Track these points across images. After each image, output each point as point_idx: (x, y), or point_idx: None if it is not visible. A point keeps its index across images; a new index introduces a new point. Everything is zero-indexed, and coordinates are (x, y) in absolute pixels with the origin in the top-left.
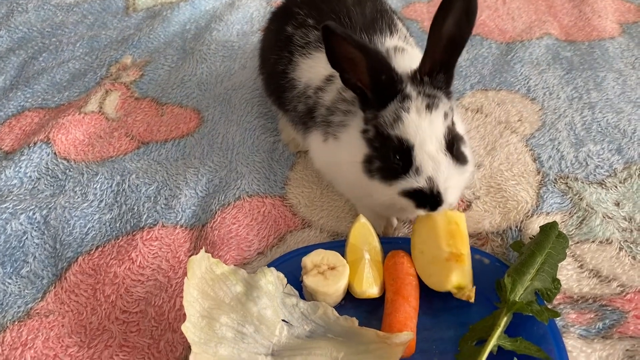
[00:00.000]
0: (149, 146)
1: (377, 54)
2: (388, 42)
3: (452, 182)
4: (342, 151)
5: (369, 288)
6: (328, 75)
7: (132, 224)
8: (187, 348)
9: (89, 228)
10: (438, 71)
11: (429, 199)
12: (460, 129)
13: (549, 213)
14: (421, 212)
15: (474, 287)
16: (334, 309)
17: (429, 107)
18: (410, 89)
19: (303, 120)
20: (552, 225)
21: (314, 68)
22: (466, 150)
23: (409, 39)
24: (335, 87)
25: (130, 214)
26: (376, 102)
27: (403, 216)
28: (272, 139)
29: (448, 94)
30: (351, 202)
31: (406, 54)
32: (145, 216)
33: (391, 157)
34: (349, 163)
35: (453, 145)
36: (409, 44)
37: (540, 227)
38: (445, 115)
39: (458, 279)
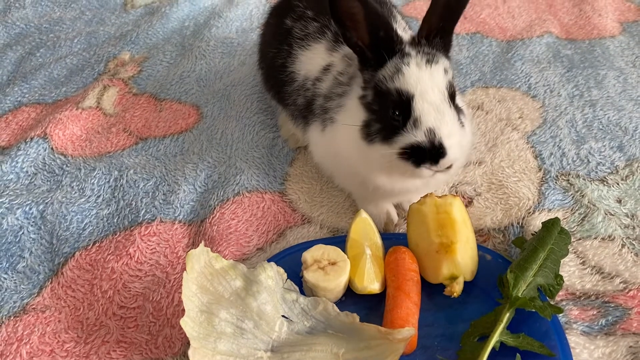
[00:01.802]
0: (147, 142)
1: (376, 9)
2: None
3: (456, 138)
4: (340, 130)
5: (370, 284)
6: (325, 65)
7: (130, 220)
8: (186, 344)
9: (86, 223)
10: (435, 35)
11: (427, 153)
12: (461, 104)
13: (550, 210)
14: (423, 172)
15: (460, 279)
16: (334, 305)
17: (429, 61)
18: (409, 49)
19: (303, 114)
20: (555, 222)
21: (312, 59)
22: (466, 121)
23: (407, 31)
24: (332, 76)
25: (128, 209)
26: (375, 60)
27: (404, 198)
28: (272, 135)
29: (447, 56)
30: (352, 196)
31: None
32: (143, 211)
33: (390, 113)
34: (347, 141)
35: (454, 99)
36: (407, 33)
37: (542, 223)
38: (446, 70)
39: (449, 270)
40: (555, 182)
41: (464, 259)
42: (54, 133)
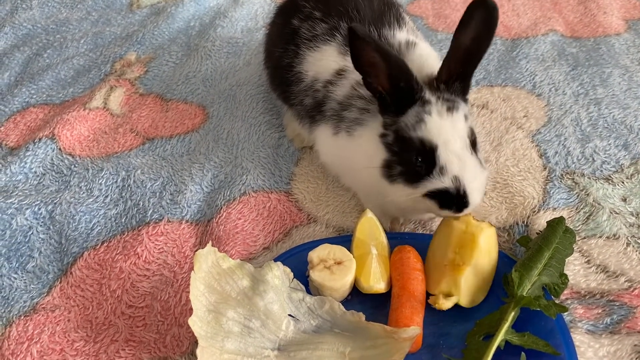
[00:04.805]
0: (154, 142)
1: (397, 60)
2: (398, 36)
3: (478, 182)
4: (358, 152)
5: (376, 283)
6: (339, 69)
7: (137, 219)
8: (194, 343)
9: (94, 223)
10: (455, 80)
11: (454, 199)
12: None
13: (555, 208)
14: (446, 213)
15: (452, 298)
16: (340, 304)
17: (450, 109)
18: (429, 95)
19: (310, 114)
20: (559, 220)
21: (321, 61)
22: (481, 156)
23: (416, 32)
24: (348, 83)
25: (135, 209)
26: (395, 107)
27: (414, 218)
28: (277, 135)
29: (465, 100)
30: (357, 196)
31: (418, 48)
32: (150, 211)
33: (413, 160)
34: (366, 167)
35: (476, 145)
36: (418, 37)
37: (547, 222)
38: (466, 116)
39: (448, 286)
40: (560, 181)
41: (467, 283)
42: (61, 133)
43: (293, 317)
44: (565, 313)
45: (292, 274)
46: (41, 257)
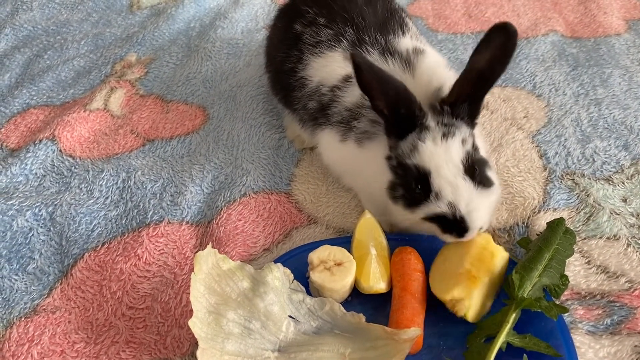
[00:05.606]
0: (155, 143)
1: (398, 87)
2: (404, 43)
3: (475, 205)
4: (365, 166)
5: (376, 283)
6: (346, 76)
7: (137, 221)
8: (194, 344)
9: (94, 225)
10: (463, 101)
11: (453, 224)
12: (483, 153)
13: (555, 209)
14: (448, 238)
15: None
16: (340, 305)
17: (445, 135)
18: (430, 120)
19: (314, 117)
20: (560, 222)
21: (327, 67)
22: (491, 173)
23: (419, 37)
24: (357, 90)
25: (136, 210)
26: (397, 132)
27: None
28: (278, 136)
29: (470, 124)
30: (357, 197)
31: (426, 56)
32: (151, 213)
33: (412, 186)
34: (375, 182)
35: (474, 169)
36: (420, 41)
37: (547, 223)
38: (463, 141)
39: (460, 294)
40: (561, 182)
41: (478, 296)
42: (62, 135)
43: (293, 318)
44: (566, 314)
45: (293, 275)
46: (42, 259)
